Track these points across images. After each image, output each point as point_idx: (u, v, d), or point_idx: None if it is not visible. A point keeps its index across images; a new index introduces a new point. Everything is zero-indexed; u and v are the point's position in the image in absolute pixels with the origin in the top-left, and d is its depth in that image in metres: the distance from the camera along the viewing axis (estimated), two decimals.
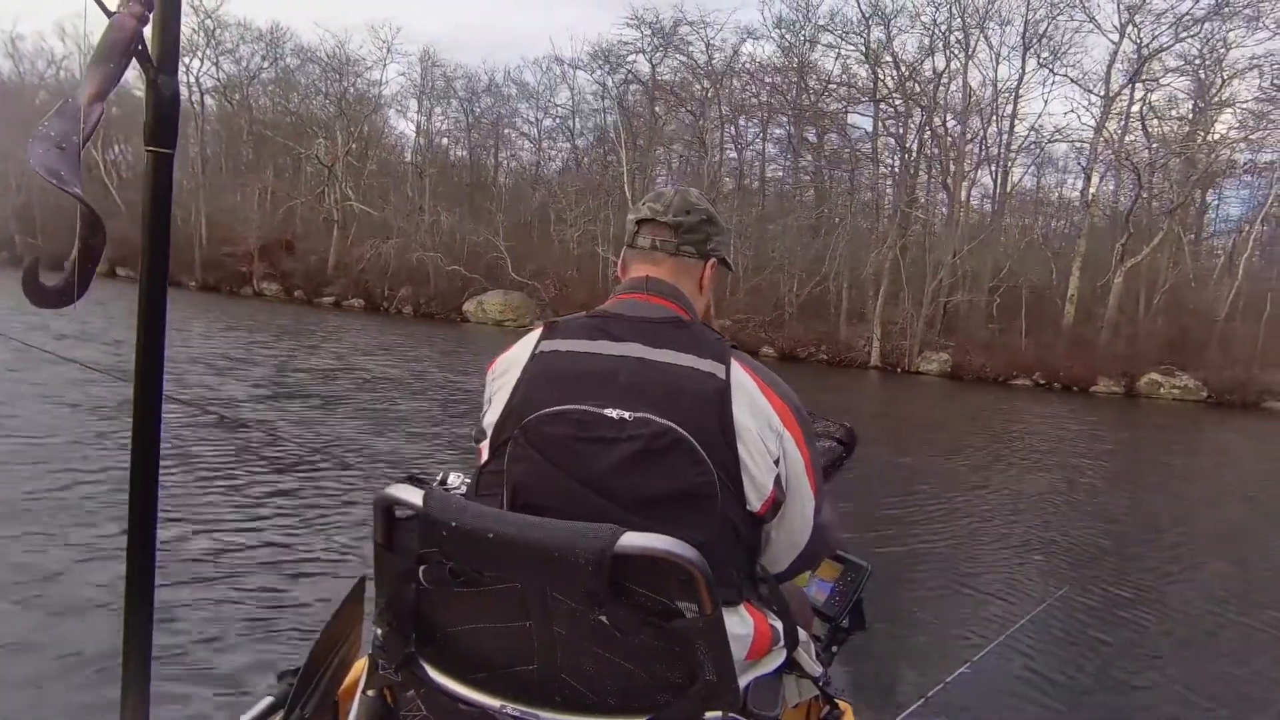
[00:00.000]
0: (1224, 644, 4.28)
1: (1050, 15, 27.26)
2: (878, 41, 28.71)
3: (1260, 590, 5.39)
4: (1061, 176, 32.35)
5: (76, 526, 4.08)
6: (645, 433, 1.02)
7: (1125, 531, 6.89)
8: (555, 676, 0.98)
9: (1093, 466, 10.58)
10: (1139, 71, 26.36)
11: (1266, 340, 24.51)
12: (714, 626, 0.90)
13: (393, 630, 1.03)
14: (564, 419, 1.04)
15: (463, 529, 0.91)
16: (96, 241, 0.87)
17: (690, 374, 1.08)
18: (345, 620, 1.32)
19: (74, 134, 0.84)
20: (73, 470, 5.08)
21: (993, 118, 28.69)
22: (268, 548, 4.19)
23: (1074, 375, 24.23)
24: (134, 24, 0.91)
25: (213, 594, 3.48)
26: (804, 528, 1.18)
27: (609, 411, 1.03)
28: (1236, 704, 3.54)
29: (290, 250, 32.14)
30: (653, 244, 1.27)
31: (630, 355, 1.09)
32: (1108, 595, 4.85)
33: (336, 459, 6.39)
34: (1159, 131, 27.80)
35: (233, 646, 3.04)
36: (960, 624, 4.17)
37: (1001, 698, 3.27)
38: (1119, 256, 25.73)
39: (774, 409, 1.11)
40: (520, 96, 36.06)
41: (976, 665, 2.10)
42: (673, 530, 0.92)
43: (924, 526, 6.24)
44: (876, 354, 25.80)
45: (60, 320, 11.13)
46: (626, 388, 1.06)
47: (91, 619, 3.08)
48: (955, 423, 14.80)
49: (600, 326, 1.14)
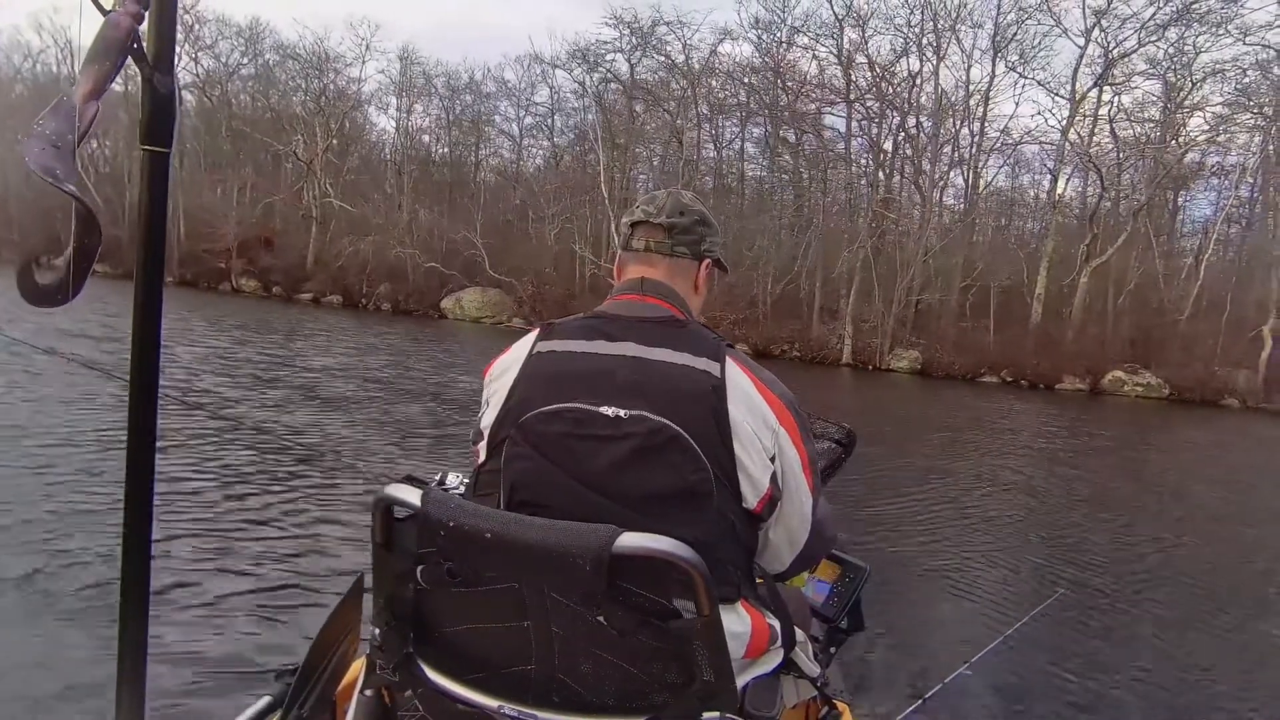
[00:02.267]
0: (1223, 646, 4.27)
1: (1019, 19, 27.76)
2: (851, 43, 29.14)
3: (1261, 591, 5.47)
4: (1035, 177, 32.95)
5: (73, 519, 4.10)
6: (641, 430, 1.03)
7: (1124, 533, 6.89)
8: (553, 676, 0.98)
9: (1089, 466, 10.72)
10: (1104, 75, 26.88)
11: (1226, 339, 25.14)
12: (712, 627, 0.91)
13: (391, 630, 1.03)
14: (560, 417, 1.05)
15: (461, 529, 0.92)
16: (92, 240, 0.86)
17: (686, 372, 1.08)
18: (343, 620, 1.32)
19: (69, 132, 0.83)
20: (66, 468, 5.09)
21: (964, 120, 29.15)
22: (265, 546, 4.17)
23: (1040, 373, 24.70)
24: (129, 22, 0.91)
25: (209, 593, 3.47)
26: (802, 525, 1.19)
27: (605, 409, 1.04)
28: (1237, 705, 3.52)
29: (269, 246, 32.17)
30: (647, 246, 1.27)
31: (626, 354, 1.10)
32: (1105, 596, 4.87)
33: (333, 457, 6.40)
34: (1129, 134, 28.43)
35: (229, 645, 3.04)
36: (958, 625, 4.18)
37: (1000, 699, 3.26)
38: (1084, 257, 26.28)
39: (769, 406, 1.11)
40: (500, 94, 36.26)
41: (975, 667, 2.10)
42: (670, 528, 0.94)
43: (921, 527, 6.25)
44: (849, 351, 26.18)
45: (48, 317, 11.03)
46: (622, 386, 1.06)
47: (86, 617, 3.07)
48: (941, 420, 14.85)
49: (597, 327, 1.14)
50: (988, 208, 32.26)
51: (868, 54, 29.10)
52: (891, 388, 21.71)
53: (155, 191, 0.98)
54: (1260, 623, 4.75)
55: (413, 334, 21.82)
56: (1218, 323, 25.56)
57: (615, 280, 1.31)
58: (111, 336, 12.00)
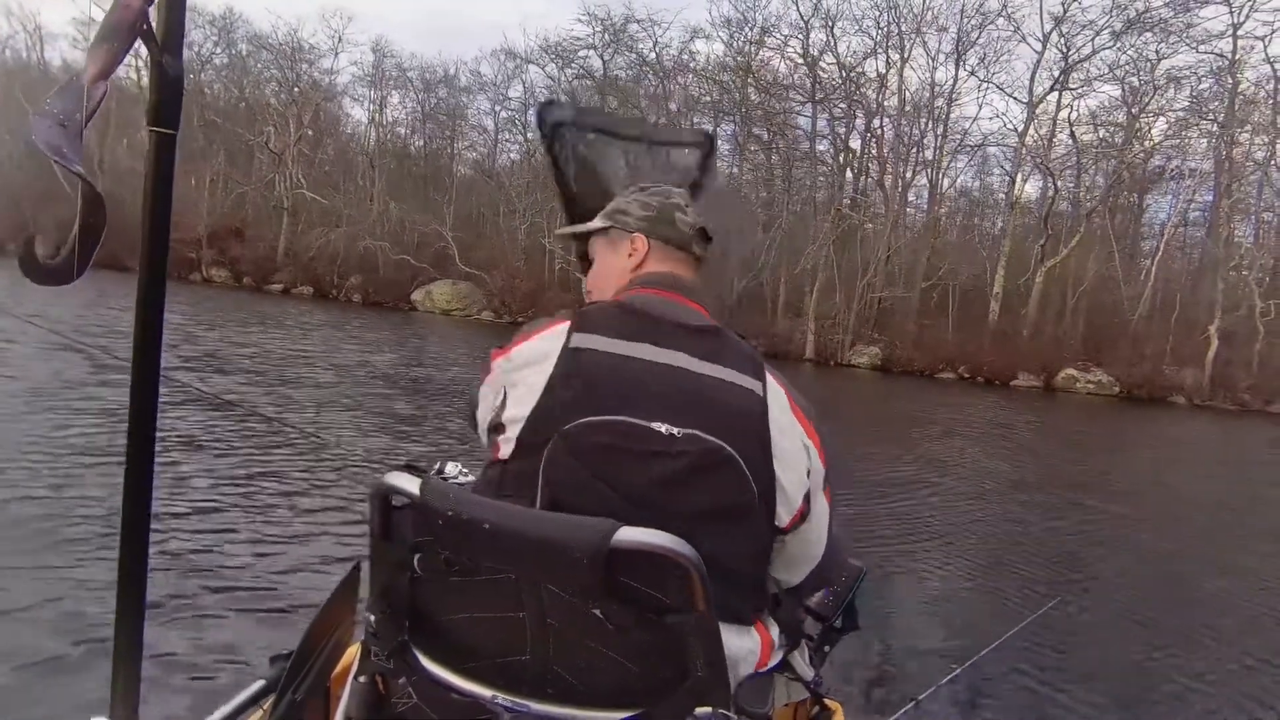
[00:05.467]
0: (1222, 647, 4.29)
1: (980, 24, 28.38)
2: (819, 44, 29.62)
3: (1256, 592, 5.56)
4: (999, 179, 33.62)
5: (66, 508, 4.15)
6: (695, 450, 1.01)
7: (1122, 534, 6.97)
8: (547, 668, 0.98)
9: (1085, 467, 11.00)
10: (1059, 80, 27.56)
11: (1176, 339, 25.91)
12: (707, 623, 0.91)
13: (386, 618, 1.03)
14: (609, 429, 1.01)
15: (459, 519, 0.92)
16: (97, 220, 0.86)
17: (733, 390, 1.07)
18: (339, 606, 1.32)
19: (77, 112, 0.83)
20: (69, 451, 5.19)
21: (928, 122, 29.73)
22: (262, 532, 4.21)
23: (996, 370, 25.32)
24: (140, 3, 0.91)
25: (207, 577, 3.49)
26: (819, 541, 1.18)
27: (658, 426, 1.02)
28: (1236, 707, 3.56)
29: (240, 237, 32.16)
30: (684, 243, 1.26)
31: (676, 365, 1.07)
32: (1101, 604, 4.87)
33: (330, 444, 6.46)
34: (1091, 138, 29.14)
35: (225, 629, 3.05)
36: (955, 628, 4.19)
37: (992, 703, 3.27)
38: (1038, 257, 26.95)
39: (800, 423, 1.12)
40: (476, 89, 36.43)
41: (969, 670, 2.08)
42: (712, 546, 0.94)
43: (918, 526, 6.28)
44: (811, 347, 26.70)
45: None
46: (674, 401, 1.04)
47: (81, 598, 3.10)
48: (919, 418, 15.00)
49: (641, 328, 1.10)
50: (957, 207, 32.94)
51: (836, 54, 29.66)
52: (849, 381, 22.22)
53: (162, 172, 0.97)
54: None
55: (389, 325, 21.98)
56: (1169, 323, 26.34)
57: (638, 264, 1.26)
58: (95, 322, 12.25)
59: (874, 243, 28.09)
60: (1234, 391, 24.57)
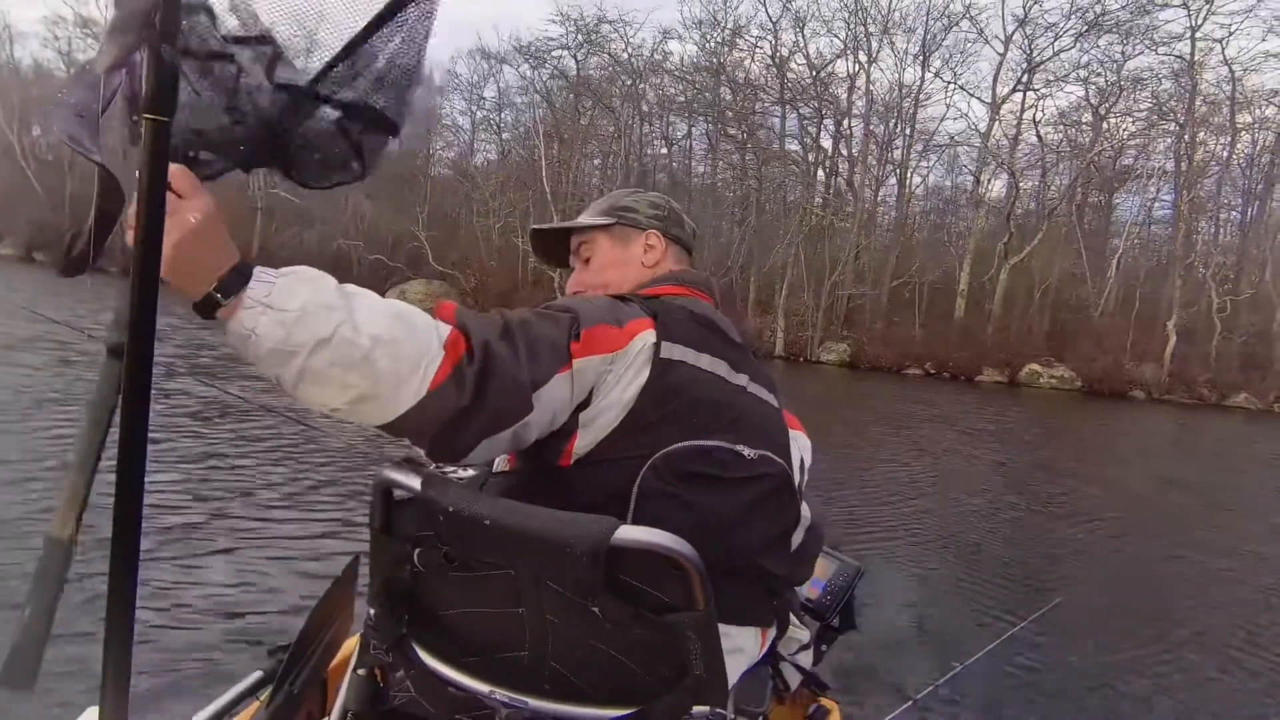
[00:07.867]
0: (1221, 651, 4.28)
1: (946, 26, 28.82)
2: (789, 45, 29.97)
3: (1255, 593, 5.57)
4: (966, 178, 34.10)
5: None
6: (771, 471, 1.04)
7: (1120, 536, 6.97)
8: (545, 664, 0.98)
9: (1082, 467, 11.03)
10: (1020, 80, 28.07)
11: (1136, 335, 26.46)
12: (706, 622, 0.91)
13: (385, 611, 1.04)
14: (708, 456, 1.02)
15: (460, 514, 0.91)
16: (113, 207, 0.86)
17: (775, 412, 1.13)
18: (337, 599, 1.32)
19: (94, 102, 0.84)
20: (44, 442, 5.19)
21: (896, 122, 30.15)
22: (261, 524, 4.21)
23: (961, 365, 25.70)
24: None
25: (204, 569, 3.48)
26: (802, 524, 1.21)
27: (744, 450, 1.04)
28: (1236, 709, 3.58)
29: None
30: (689, 243, 1.33)
31: (745, 387, 1.10)
32: (1100, 607, 4.87)
33: (330, 438, 6.44)
34: (1058, 137, 29.65)
35: (223, 620, 3.03)
36: (952, 628, 4.21)
37: (989, 703, 3.28)
38: (1002, 254, 27.43)
39: (800, 430, 1.20)
40: (450, 88, 36.51)
41: (966, 670, 2.10)
42: (772, 566, 0.98)
43: (915, 526, 6.30)
44: (780, 344, 27.04)
45: None
46: (750, 424, 1.06)
47: (73, 586, 3.05)
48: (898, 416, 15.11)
49: (713, 342, 1.09)
50: (931, 205, 33.40)
51: (807, 55, 30.01)
52: (816, 377, 22.54)
53: (157, 159, 0.95)
54: None
55: None
56: (1129, 319, 26.90)
57: (657, 259, 1.27)
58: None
59: (843, 241, 28.46)
60: (1192, 386, 25.14)
